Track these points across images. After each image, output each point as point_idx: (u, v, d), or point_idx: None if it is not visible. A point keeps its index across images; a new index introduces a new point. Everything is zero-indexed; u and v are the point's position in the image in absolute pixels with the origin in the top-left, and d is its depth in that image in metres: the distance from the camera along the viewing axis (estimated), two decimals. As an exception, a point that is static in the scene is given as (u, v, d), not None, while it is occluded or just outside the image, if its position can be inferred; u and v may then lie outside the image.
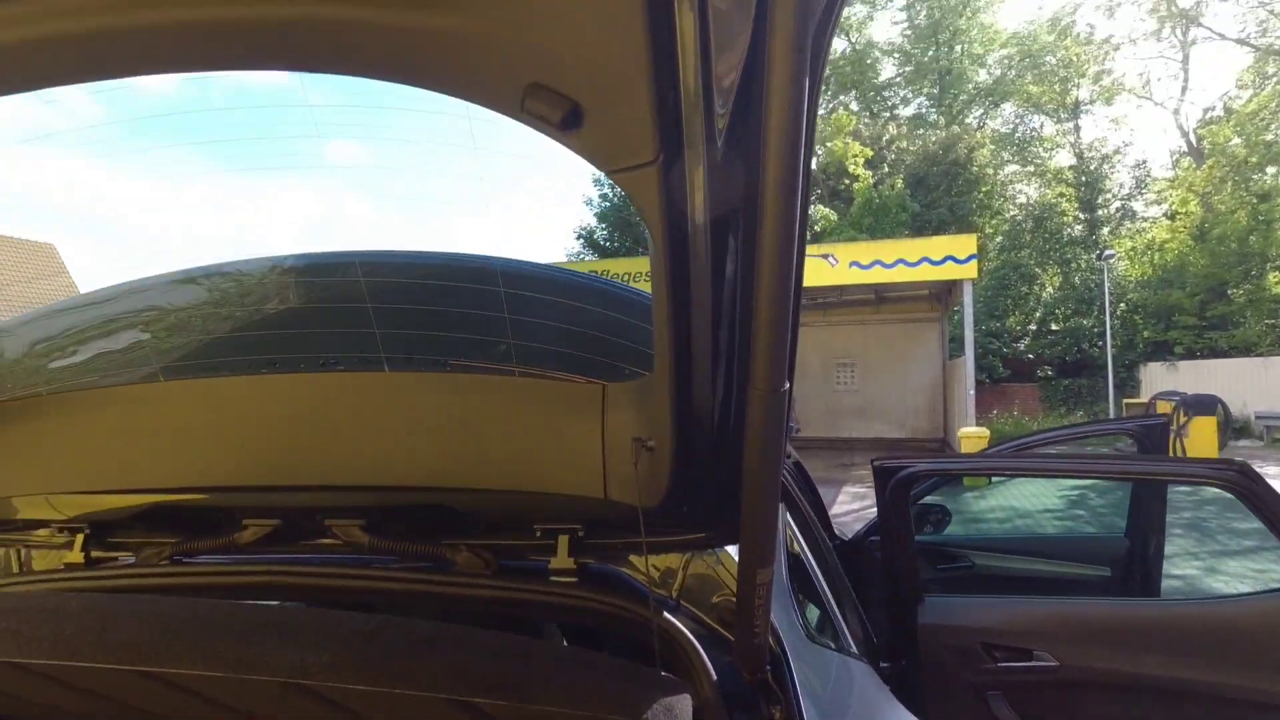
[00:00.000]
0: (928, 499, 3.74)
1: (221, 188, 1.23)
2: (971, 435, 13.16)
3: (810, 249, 19.08)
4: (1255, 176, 25.01)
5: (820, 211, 30.22)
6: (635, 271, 17.50)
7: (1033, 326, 27.93)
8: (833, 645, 1.47)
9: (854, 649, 1.56)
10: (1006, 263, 28.81)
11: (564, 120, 0.78)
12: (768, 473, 0.88)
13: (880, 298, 20.12)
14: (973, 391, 15.04)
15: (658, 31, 0.71)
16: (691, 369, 0.94)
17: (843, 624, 1.65)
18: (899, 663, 2.32)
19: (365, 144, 1.06)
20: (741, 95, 0.77)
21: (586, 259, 29.23)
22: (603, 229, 34.85)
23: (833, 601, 1.70)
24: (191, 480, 1.27)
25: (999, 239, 31.31)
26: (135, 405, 1.26)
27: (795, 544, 1.76)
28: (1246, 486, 2.09)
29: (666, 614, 1.09)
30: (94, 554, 1.35)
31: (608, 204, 35.08)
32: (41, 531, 1.38)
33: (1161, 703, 2.20)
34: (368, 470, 1.21)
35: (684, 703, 0.90)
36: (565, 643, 1.50)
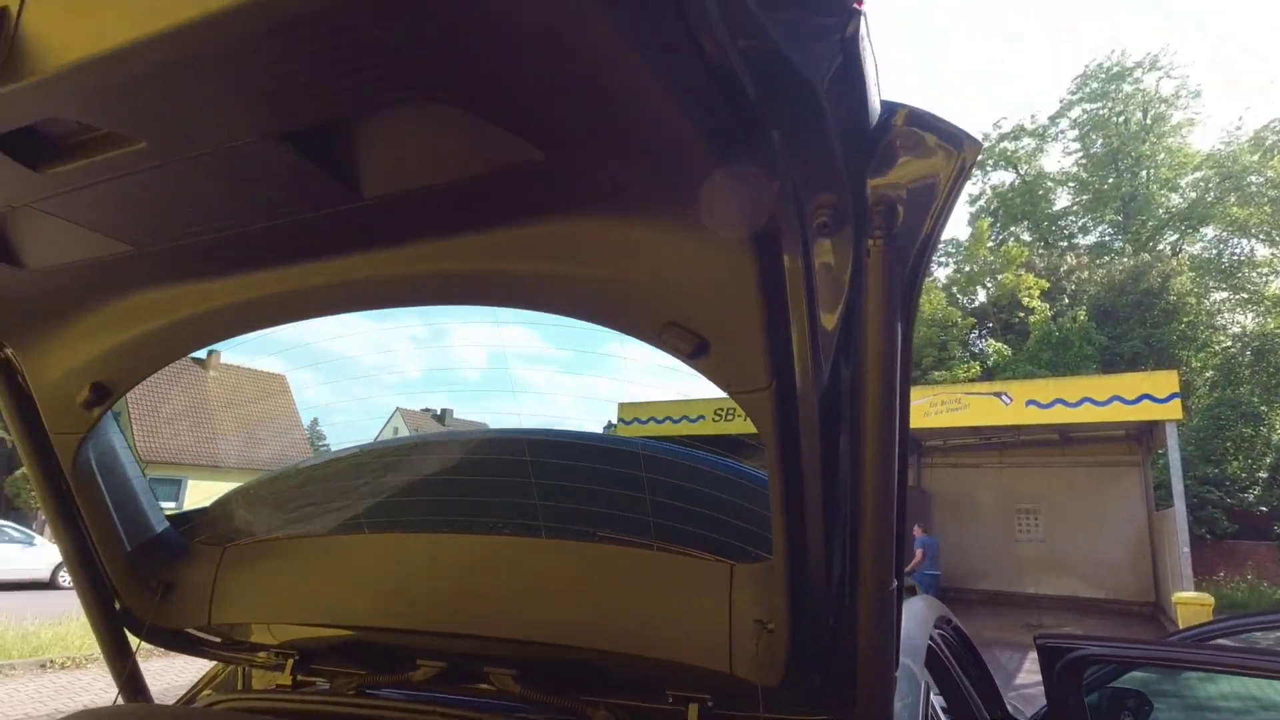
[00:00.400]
0: (1122, 683, 3.31)
1: (429, 354, 1.51)
2: (1190, 601, 11.34)
3: (981, 386, 18.06)
4: None
5: (992, 346, 28.70)
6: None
7: (1263, 474, 24.07)
8: None
9: None
10: (1222, 400, 25.47)
11: (693, 351, 0.95)
12: (880, 664, 0.94)
13: (1066, 438, 18.38)
14: (1187, 549, 13.05)
15: (768, 282, 0.88)
16: (806, 559, 1.03)
17: None
18: None
19: (535, 339, 1.29)
20: (844, 329, 0.91)
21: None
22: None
23: None
24: (380, 621, 1.48)
25: (1209, 374, 27.92)
26: (343, 553, 1.53)
27: None
28: None
29: None
30: (299, 678, 1.59)
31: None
32: (262, 654, 1.65)
33: None
34: (521, 625, 1.36)
35: None
36: None
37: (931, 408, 15.46)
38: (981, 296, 33.19)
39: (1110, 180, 35.50)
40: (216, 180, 0.90)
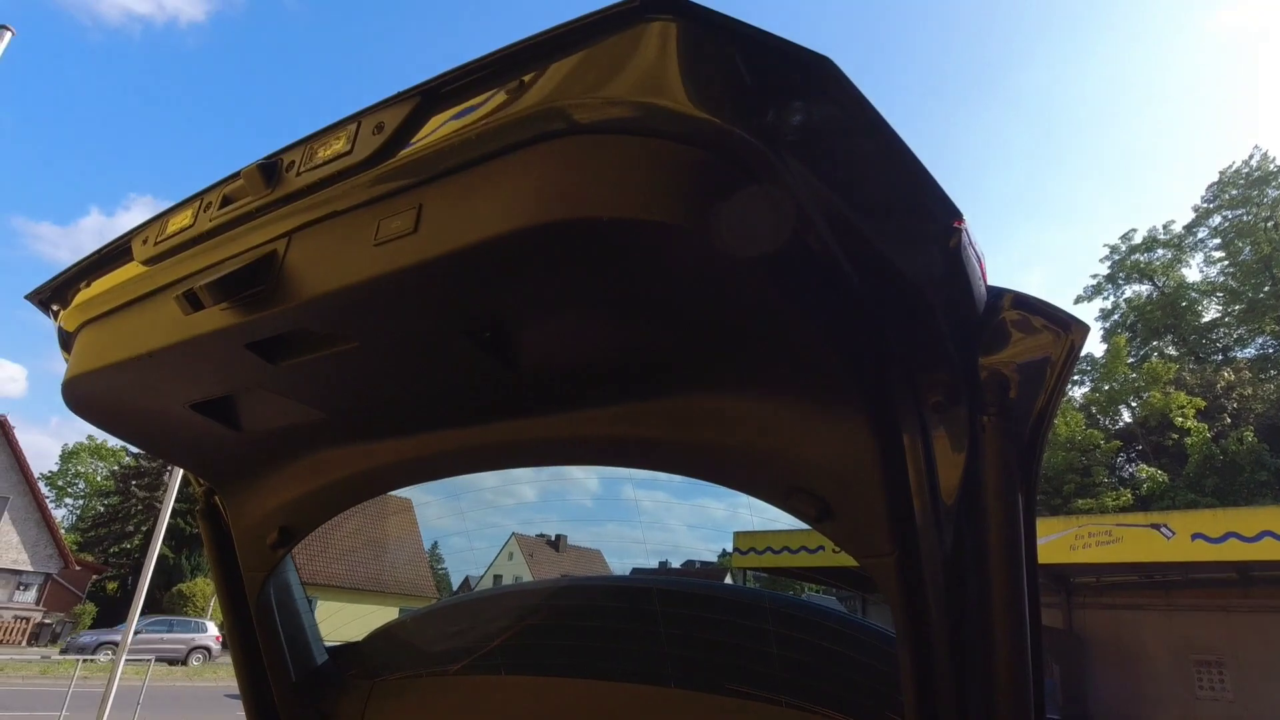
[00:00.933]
0: None
1: (544, 479, 1.62)
2: None
3: (1136, 517, 16.31)
4: None
5: (1145, 471, 26.16)
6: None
7: None
8: None
9: None
10: None
11: (818, 515, 1.01)
12: None
13: (1247, 578, 16.09)
14: None
15: (889, 454, 0.94)
16: None
17: None
18: None
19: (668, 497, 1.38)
20: (965, 501, 0.94)
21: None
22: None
23: None
24: None
25: None
26: (481, 693, 1.60)
27: None
28: None
29: None
30: None
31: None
32: None
33: None
34: None
35: None
36: None
37: (1078, 540, 14.11)
38: (1126, 417, 30.71)
39: (1266, 289, 32.80)
40: (404, 367, 1.09)
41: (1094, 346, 35.65)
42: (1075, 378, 34.88)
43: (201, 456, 1.49)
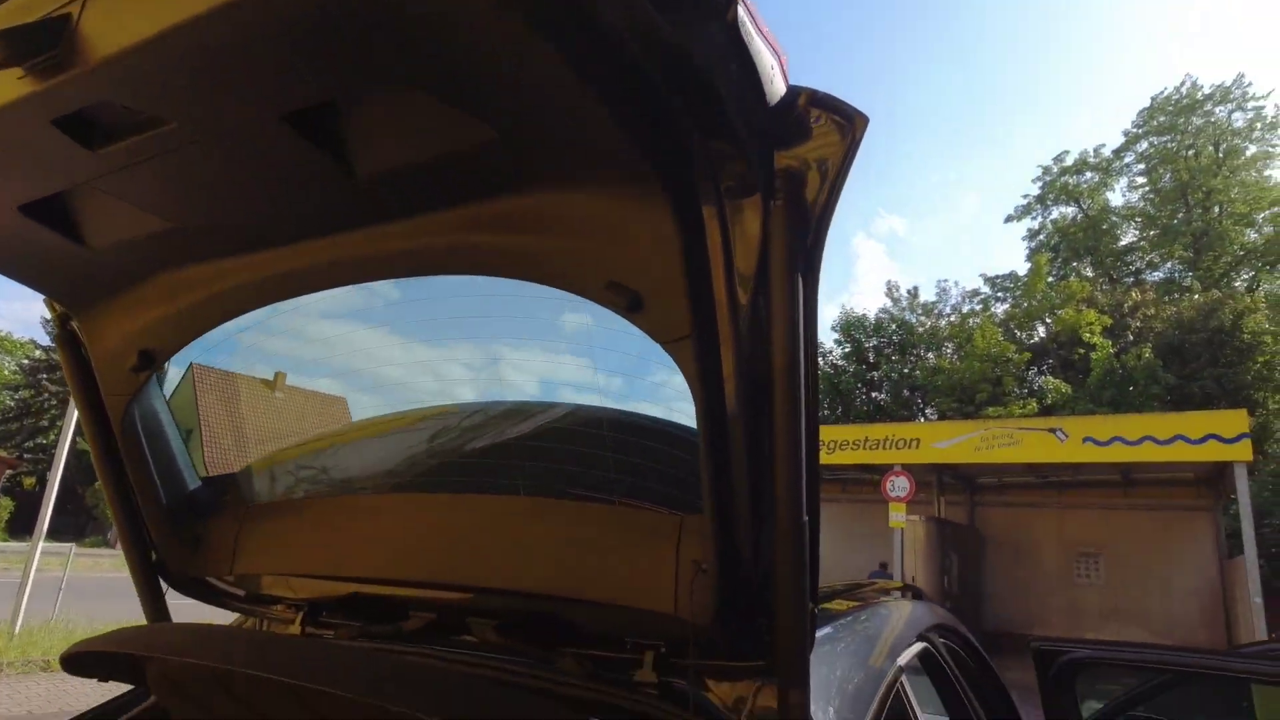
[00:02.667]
0: (1141, 711, 3.24)
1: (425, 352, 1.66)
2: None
3: (1035, 421, 17.52)
4: None
5: (1051, 383, 27.81)
6: (844, 439, 17.14)
7: (1350, 525, 22.56)
8: None
9: None
10: (1302, 445, 24.09)
11: (629, 305, 1.08)
12: (796, 597, 1.01)
13: (1129, 479, 17.61)
14: (1259, 599, 12.33)
15: (691, 242, 1.01)
16: (731, 501, 1.12)
17: None
18: None
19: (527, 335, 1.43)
20: (757, 286, 1.03)
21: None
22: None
23: None
24: (377, 574, 1.61)
25: (1289, 417, 26.45)
26: (347, 512, 1.68)
27: (911, 711, 1.71)
28: None
29: None
30: (307, 630, 1.73)
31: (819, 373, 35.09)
32: (278, 607, 1.81)
33: None
34: (502, 576, 1.47)
35: None
36: None
37: (983, 442, 15.09)
38: (1040, 333, 32.28)
39: (1180, 215, 34.35)
40: (236, 163, 1.09)
41: (1018, 265, 36.96)
42: (997, 295, 36.41)
43: (48, 273, 1.47)
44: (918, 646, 1.94)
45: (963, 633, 2.52)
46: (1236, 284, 31.72)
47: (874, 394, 34.21)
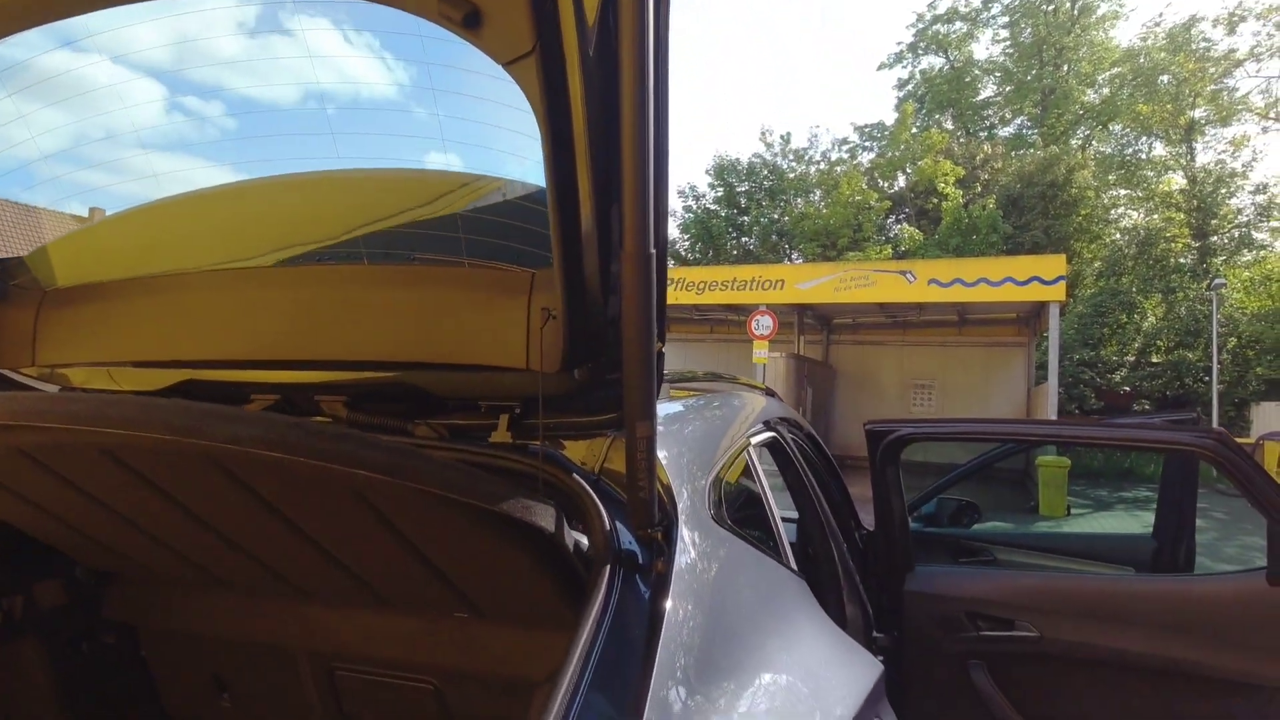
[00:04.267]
0: (957, 495, 3.77)
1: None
2: (1049, 464, 12.65)
3: (889, 264, 18.74)
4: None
5: (906, 230, 29.54)
6: (713, 280, 17.65)
7: (1130, 357, 26.37)
8: (757, 546, 1.50)
9: (794, 566, 1.65)
10: (1105, 290, 27.37)
11: (466, 20, 0.98)
12: (644, 335, 0.96)
13: (964, 319, 19.51)
14: (1054, 418, 14.43)
15: None
16: (579, 241, 1.08)
17: (786, 547, 1.70)
18: (892, 633, 2.35)
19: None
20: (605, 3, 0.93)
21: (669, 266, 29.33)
22: (685, 239, 35.15)
23: (780, 529, 1.76)
24: (210, 354, 1.50)
25: (1098, 265, 29.77)
26: (169, 291, 1.52)
27: (757, 477, 1.83)
28: (1224, 455, 2.06)
29: (575, 475, 1.21)
30: None
31: (691, 215, 35.38)
32: None
33: (1144, 680, 2.18)
34: (348, 348, 1.40)
35: (547, 510, 1.05)
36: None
37: (842, 283, 16.03)
38: (901, 182, 33.75)
39: (1034, 72, 35.81)
40: None
41: (886, 115, 37.81)
42: (864, 144, 37.28)
43: None
44: (766, 435, 2.10)
45: (808, 430, 2.76)
46: (1074, 142, 34.09)
47: (744, 239, 35.10)
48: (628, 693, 0.88)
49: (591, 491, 1.15)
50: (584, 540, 1.14)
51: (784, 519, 1.83)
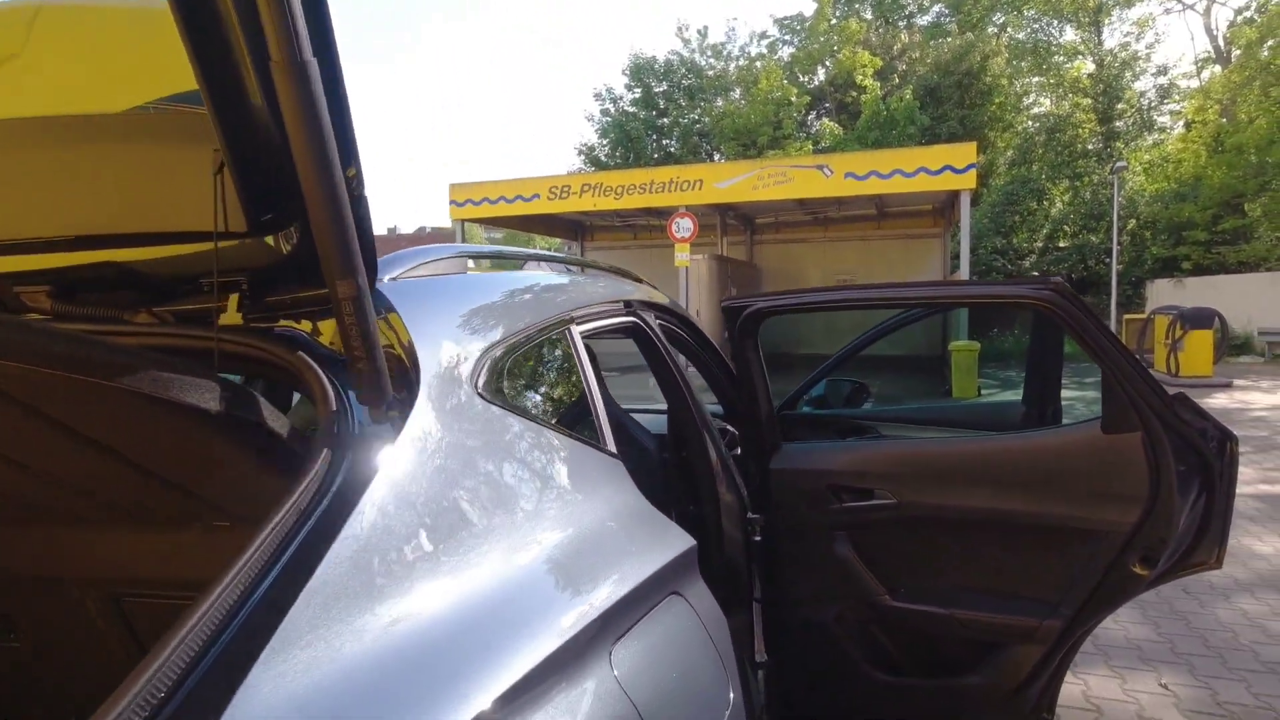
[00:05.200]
0: (849, 378, 3.79)
1: None
2: (961, 349, 13.18)
3: (805, 159, 18.62)
4: (1282, 83, 23.88)
5: (826, 126, 29.34)
6: (631, 183, 17.24)
7: (1039, 243, 27.42)
8: (559, 430, 1.40)
9: (612, 449, 1.53)
10: (1016, 178, 28.05)
11: None
12: (316, 164, 0.81)
13: (882, 212, 19.77)
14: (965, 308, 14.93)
15: None
16: (221, 63, 0.87)
17: (604, 431, 1.57)
18: (764, 513, 2.36)
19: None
20: None
21: (586, 171, 28.64)
22: (604, 145, 34.16)
23: (600, 412, 1.65)
24: None
25: (1010, 153, 30.35)
26: None
27: (577, 359, 1.68)
28: (1059, 305, 2.07)
29: (300, 352, 1.08)
30: None
31: (609, 119, 34.24)
32: None
33: (989, 535, 2.28)
34: (35, 223, 1.20)
35: (249, 397, 0.94)
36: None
37: (760, 181, 15.89)
38: (821, 76, 33.24)
39: (951, -45, 35.14)
40: None
41: (805, 6, 36.70)
42: (783, 37, 36.34)
43: None
44: (620, 320, 1.98)
45: (683, 315, 2.65)
46: (990, 30, 33.98)
47: (664, 141, 34.29)
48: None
49: (316, 368, 1.01)
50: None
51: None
